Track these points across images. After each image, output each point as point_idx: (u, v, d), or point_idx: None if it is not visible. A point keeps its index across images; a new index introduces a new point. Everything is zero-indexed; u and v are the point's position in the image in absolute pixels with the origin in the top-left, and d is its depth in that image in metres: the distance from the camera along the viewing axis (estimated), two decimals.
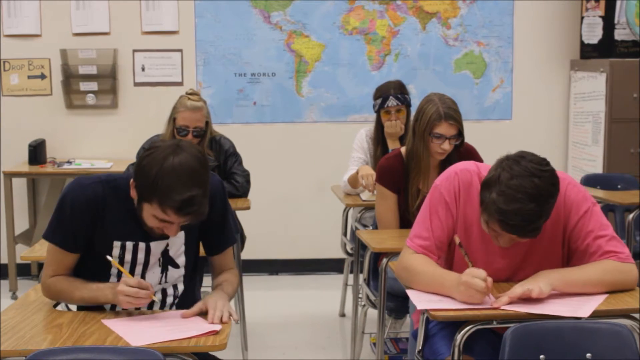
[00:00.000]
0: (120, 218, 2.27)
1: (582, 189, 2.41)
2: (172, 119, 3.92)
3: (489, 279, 2.17)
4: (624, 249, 2.34)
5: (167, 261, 2.36)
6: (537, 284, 2.20)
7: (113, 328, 2.09)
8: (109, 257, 2.26)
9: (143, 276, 2.33)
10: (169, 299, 2.39)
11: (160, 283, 2.37)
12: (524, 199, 2.13)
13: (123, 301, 2.17)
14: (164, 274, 2.37)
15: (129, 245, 2.30)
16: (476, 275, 2.16)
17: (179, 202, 2.08)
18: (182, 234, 2.36)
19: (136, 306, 2.22)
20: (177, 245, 2.37)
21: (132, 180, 2.20)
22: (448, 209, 2.41)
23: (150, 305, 2.35)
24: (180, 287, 2.42)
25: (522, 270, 2.40)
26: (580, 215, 2.35)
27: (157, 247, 2.33)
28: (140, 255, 2.32)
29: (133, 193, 2.20)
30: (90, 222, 2.26)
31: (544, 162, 2.21)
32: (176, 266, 2.39)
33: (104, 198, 2.26)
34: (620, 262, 2.31)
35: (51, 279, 2.30)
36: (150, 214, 2.16)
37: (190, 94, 3.95)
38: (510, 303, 2.18)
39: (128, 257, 2.31)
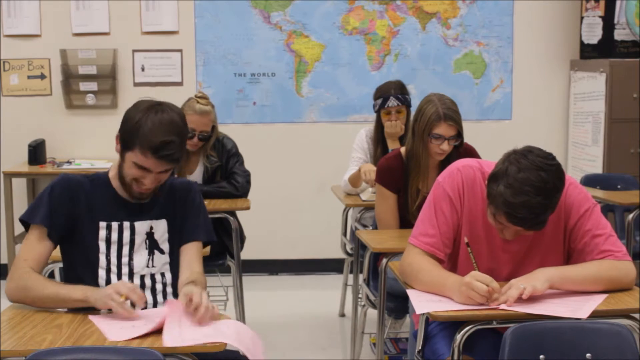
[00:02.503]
0: (104, 201, 2.39)
1: (583, 190, 2.43)
2: None
3: (495, 285, 2.16)
4: (621, 247, 2.36)
5: (153, 244, 2.42)
6: (531, 282, 2.20)
7: (139, 331, 2.05)
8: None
9: (131, 257, 2.39)
10: (159, 286, 2.42)
11: (148, 266, 2.42)
12: (531, 191, 2.15)
13: (110, 304, 2.14)
14: (151, 257, 2.42)
15: (115, 225, 2.39)
16: (480, 279, 2.16)
17: (157, 143, 2.26)
18: (164, 222, 2.44)
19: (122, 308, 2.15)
20: (160, 230, 2.44)
21: (117, 136, 2.37)
22: (452, 205, 2.42)
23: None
24: (168, 276, 2.45)
25: (524, 267, 2.40)
26: (580, 215, 2.37)
27: (141, 227, 2.41)
28: (126, 234, 2.39)
29: (117, 147, 2.37)
30: (70, 203, 2.34)
31: (551, 157, 2.24)
32: (162, 252, 2.44)
33: (88, 184, 2.40)
34: (617, 260, 2.32)
35: (22, 270, 2.27)
36: (131, 162, 2.31)
37: (199, 97, 3.94)
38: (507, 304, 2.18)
39: (114, 236, 2.38)
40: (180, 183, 2.53)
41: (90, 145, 5.51)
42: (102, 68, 5.42)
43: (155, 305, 2.39)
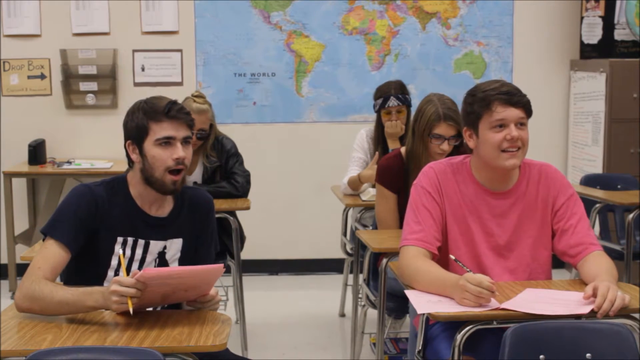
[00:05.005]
0: (123, 215, 2.36)
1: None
2: None
3: (487, 284, 2.16)
4: (597, 240, 2.51)
5: (162, 263, 2.40)
6: (615, 289, 2.19)
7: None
8: (120, 251, 2.31)
9: None
10: None
11: None
12: (499, 81, 2.50)
13: (115, 303, 2.09)
14: None
15: (130, 240, 2.36)
16: (470, 281, 2.17)
17: (164, 105, 2.32)
18: (180, 241, 2.42)
19: (124, 310, 2.11)
20: (174, 249, 2.42)
21: (127, 144, 2.36)
22: (432, 199, 2.49)
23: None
24: None
25: (520, 236, 2.48)
26: (567, 197, 2.51)
27: (155, 246, 2.39)
28: (138, 251, 2.37)
29: (135, 155, 2.34)
30: (91, 218, 2.30)
31: None
32: None
33: (109, 198, 2.35)
34: (603, 252, 2.44)
35: (33, 278, 2.19)
36: (154, 145, 2.31)
37: (196, 96, 3.95)
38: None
39: (128, 252, 2.36)
40: (202, 199, 2.49)
41: (90, 145, 5.51)
42: (102, 68, 5.42)
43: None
